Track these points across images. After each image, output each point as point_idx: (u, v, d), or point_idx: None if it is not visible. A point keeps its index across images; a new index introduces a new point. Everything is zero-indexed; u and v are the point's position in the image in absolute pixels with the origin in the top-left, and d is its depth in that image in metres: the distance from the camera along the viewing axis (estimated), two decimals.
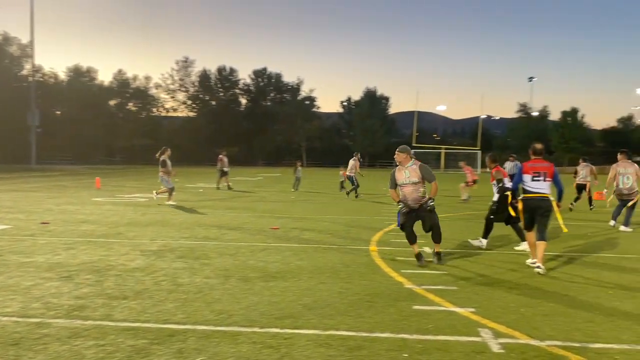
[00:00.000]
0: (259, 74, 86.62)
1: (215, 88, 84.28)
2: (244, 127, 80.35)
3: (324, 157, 74.93)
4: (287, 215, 12.42)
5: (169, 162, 14.94)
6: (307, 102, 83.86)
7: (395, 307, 4.82)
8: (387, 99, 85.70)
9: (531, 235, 6.90)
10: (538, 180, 6.75)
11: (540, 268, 6.35)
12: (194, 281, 5.73)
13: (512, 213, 7.43)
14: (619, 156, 11.08)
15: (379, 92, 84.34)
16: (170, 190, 14.72)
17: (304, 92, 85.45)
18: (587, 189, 15.22)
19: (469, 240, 8.58)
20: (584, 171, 15.35)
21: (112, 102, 78.27)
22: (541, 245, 6.53)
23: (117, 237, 8.68)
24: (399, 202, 7.20)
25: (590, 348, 3.83)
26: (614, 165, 10.94)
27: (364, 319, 4.47)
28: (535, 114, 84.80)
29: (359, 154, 21.27)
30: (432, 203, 6.93)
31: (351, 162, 19.48)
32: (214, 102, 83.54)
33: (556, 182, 6.79)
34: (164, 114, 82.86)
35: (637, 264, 7.03)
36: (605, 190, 11.23)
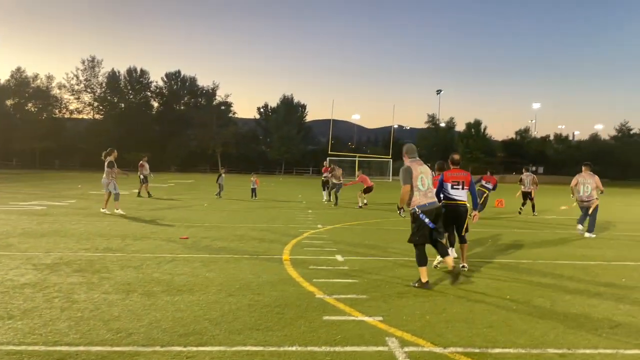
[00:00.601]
0: (172, 76, 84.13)
1: (124, 90, 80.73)
2: (156, 132, 77.56)
3: (240, 164, 74.03)
4: (198, 223, 12.04)
5: (115, 165, 14.21)
6: (222, 107, 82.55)
7: (305, 319, 4.76)
8: (303, 106, 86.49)
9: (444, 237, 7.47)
10: (457, 189, 7.39)
11: (465, 267, 7.18)
12: (91, 297, 5.33)
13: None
14: (583, 168, 12.04)
15: (295, 100, 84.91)
16: (117, 196, 13.86)
17: (219, 96, 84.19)
18: (532, 196, 16.65)
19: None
20: (527, 179, 16.88)
21: (8, 102, 72.53)
22: (464, 246, 7.42)
23: (6, 250, 7.93)
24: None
25: (489, 353, 3.98)
26: (577, 176, 12.00)
27: (273, 332, 4.37)
28: (442, 125, 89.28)
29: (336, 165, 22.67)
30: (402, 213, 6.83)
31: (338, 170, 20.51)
32: (122, 105, 79.94)
33: (471, 191, 7.46)
34: (67, 115, 77.97)
35: (532, 269, 7.49)
36: (572, 195, 12.33)
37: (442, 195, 7.45)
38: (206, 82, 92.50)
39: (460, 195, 7.34)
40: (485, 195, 15.78)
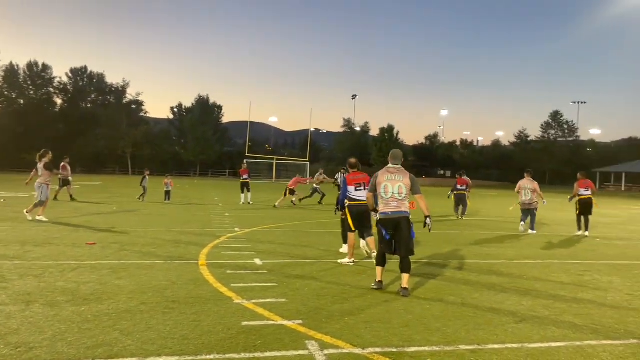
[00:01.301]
0: (78, 72, 79.48)
1: (24, 85, 74.99)
2: (60, 130, 72.67)
3: (152, 165, 71.24)
4: (106, 228, 11.39)
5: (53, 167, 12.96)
6: (133, 106, 79.10)
7: (223, 325, 4.62)
8: (220, 107, 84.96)
9: (352, 236, 7.90)
10: (360, 190, 7.91)
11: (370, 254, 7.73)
12: None
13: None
14: (525, 175, 13.76)
15: (211, 100, 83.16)
16: (43, 202, 12.53)
17: (130, 95, 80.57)
18: (466, 199, 17.99)
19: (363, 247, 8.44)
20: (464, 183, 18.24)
21: None
22: (371, 239, 7.94)
23: None
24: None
25: (405, 352, 4.08)
26: (520, 182, 13.74)
27: (190, 341, 4.20)
28: (358, 129, 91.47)
29: (322, 170, 23.42)
30: None
31: (318, 175, 21.97)
32: (22, 101, 74.21)
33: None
34: None
35: (442, 269, 7.83)
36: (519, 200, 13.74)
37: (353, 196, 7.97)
38: (116, 80, 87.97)
39: (364, 196, 7.64)
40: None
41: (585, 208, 13.16)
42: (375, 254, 7.12)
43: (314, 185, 21.74)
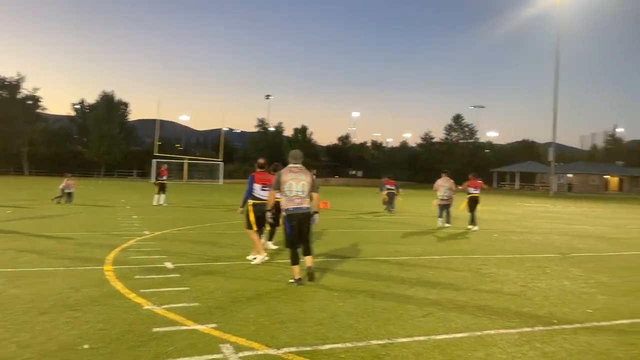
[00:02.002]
0: None
1: None
2: None
3: (51, 164, 66.62)
4: (1, 233, 10.50)
5: None
6: (29, 102, 73.39)
7: (132, 333, 4.44)
8: (126, 104, 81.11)
9: (253, 232, 8.11)
10: (266, 190, 8.09)
11: (255, 259, 7.86)
12: None
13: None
14: (442, 175, 15.06)
15: (117, 97, 79.13)
16: None
17: (25, 90, 74.62)
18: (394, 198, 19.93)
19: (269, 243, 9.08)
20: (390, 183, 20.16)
21: None
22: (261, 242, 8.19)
23: None
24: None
25: (320, 350, 4.16)
26: (438, 181, 15.02)
27: (96, 350, 3.99)
28: (272, 129, 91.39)
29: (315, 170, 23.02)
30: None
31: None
32: None
33: None
34: None
35: (355, 266, 8.04)
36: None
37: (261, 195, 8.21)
38: (9, 74, 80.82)
39: (267, 195, 7.87)
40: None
41: (472, 204, 14.75)
42: (256, 260, 7.83)
43: None
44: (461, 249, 10.53)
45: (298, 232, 6.67)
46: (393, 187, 20.39)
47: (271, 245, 9.35)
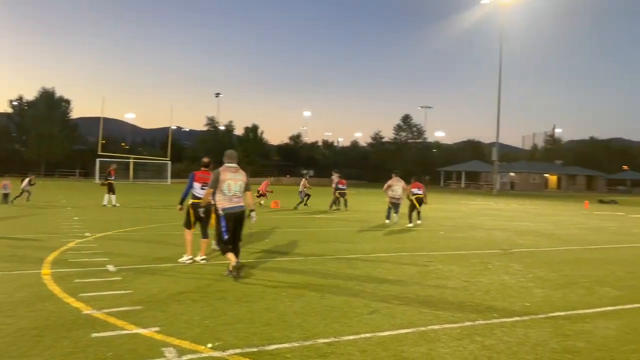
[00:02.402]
0: None
1: None
2: None
3: None
4: None
5: None
6: None
7: (69, 339, 4.26)
8: (68, 101, 77.81)
9: (189, 233, 8.02)
10: (205, 189, 7.84)
11: (204, 260, 7.86)
12: None
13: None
14: (393, 175, 15.70)
15: (58, 94, 75.84)
16: None
17: None
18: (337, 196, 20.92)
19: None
20: (335, 181, 20.98)
21: None
22: (205, 242, 8.09)
23: None
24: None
25: (265, 351, 4.12)
26: (389, 181, 15.54)
27: (29, 358, 3.80)
28: (222, 128, 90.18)
29: (307, 174, 23.72)
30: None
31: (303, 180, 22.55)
32: None
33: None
34: None
35: (304, 266, 8.04)
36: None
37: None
38: None
39: None
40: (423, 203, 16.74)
41: (416, 204, 15.40)
42: (205, 260, 7.80)
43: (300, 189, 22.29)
44: (408, 246, 10.73)
45: (233, 230, 6.87)
46: (344, 187, 21.36)
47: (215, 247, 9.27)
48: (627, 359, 4.22)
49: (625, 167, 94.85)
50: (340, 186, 21.22)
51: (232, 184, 6.89)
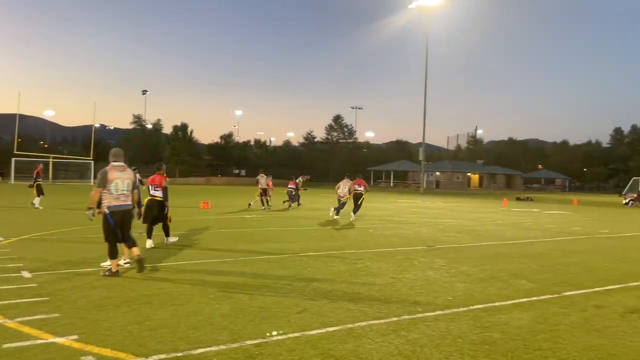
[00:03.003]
0: None
1: None
2: None
3: None
4: None
5: None
6: None
7: None
8: None
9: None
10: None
11: (128, 263, 7.56)
12: None
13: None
14: (345, 177, 17.52)
15: None
16: None
17: None
18: (268, 195, 21.12)
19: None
20: (263, 180, 20.93)
21: None
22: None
23: None
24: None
25: (192, 355, 4.04)
26: (340, 182, 17.51)
27: None
28: (149, 126, 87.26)
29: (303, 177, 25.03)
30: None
31: (300, 179, 23.68)
32: None
33: (136, 189, 7.84)
34: None
35: (233, 267, 7.94)
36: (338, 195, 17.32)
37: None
38: None
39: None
40: (362, 198, 17.47)
41: (356, 200, 16.99)
42: (128, 264, 7.60)
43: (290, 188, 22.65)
44: (338, 244, 10.88)
45: (120, 228, 7.01)
46: (294, 187, 22.78)
47: (151, 244, 9.55)
48: (539, 347, 4.50)
49: (540, 166, 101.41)
50: (290, 186, 22.66)
51: (119, 183, 7.01)
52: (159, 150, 78.07)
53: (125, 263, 7.69)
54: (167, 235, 10.12)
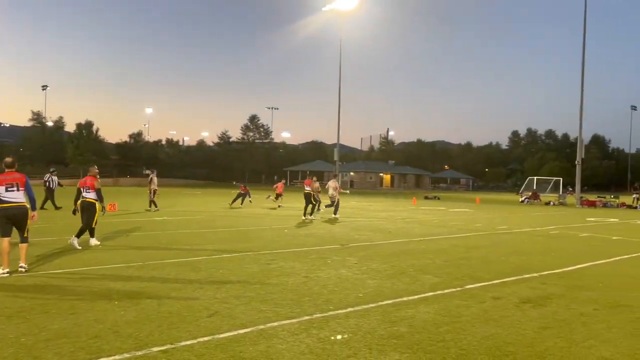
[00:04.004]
0: None
1: None
2: None
3: None
4: None
5: None
6: None
7: None
8: None
9: (6, 242, 7.24)
10: (12, 191, 7.34)
11: (23, 268, 7.24)
12: None
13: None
14: (333, 178, 19.82)
15: None
16: None
17: None
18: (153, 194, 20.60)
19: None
20: (155, 180, 20.82)
21: None
22: (24, 247, 7.39)
23: None
24: None
25: None
26: (330, 183, 19.64)
27: None
28: (50, 124, 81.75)
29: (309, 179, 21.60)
30: None
31: (314, 183, 21.28)
32: None
33: (28, 191, 7.47)
34: None
35: (142, 272, 7.61)
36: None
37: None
38: None
39: (17, 197, 7.37)
40: (312, 196, 18.57)
41: (307, 199, 18.05)
42: (24, 269, 7.23)
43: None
44: (253, 245, 10.78)
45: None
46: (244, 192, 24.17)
47: (94, 242, 10.09)
48: (442, 339, 4.73)
49: (446, 166, 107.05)
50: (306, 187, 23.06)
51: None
52: (61, 150, 73.28)
53: (20, 267, 7.20)
54: (92, 235, 10.30)
